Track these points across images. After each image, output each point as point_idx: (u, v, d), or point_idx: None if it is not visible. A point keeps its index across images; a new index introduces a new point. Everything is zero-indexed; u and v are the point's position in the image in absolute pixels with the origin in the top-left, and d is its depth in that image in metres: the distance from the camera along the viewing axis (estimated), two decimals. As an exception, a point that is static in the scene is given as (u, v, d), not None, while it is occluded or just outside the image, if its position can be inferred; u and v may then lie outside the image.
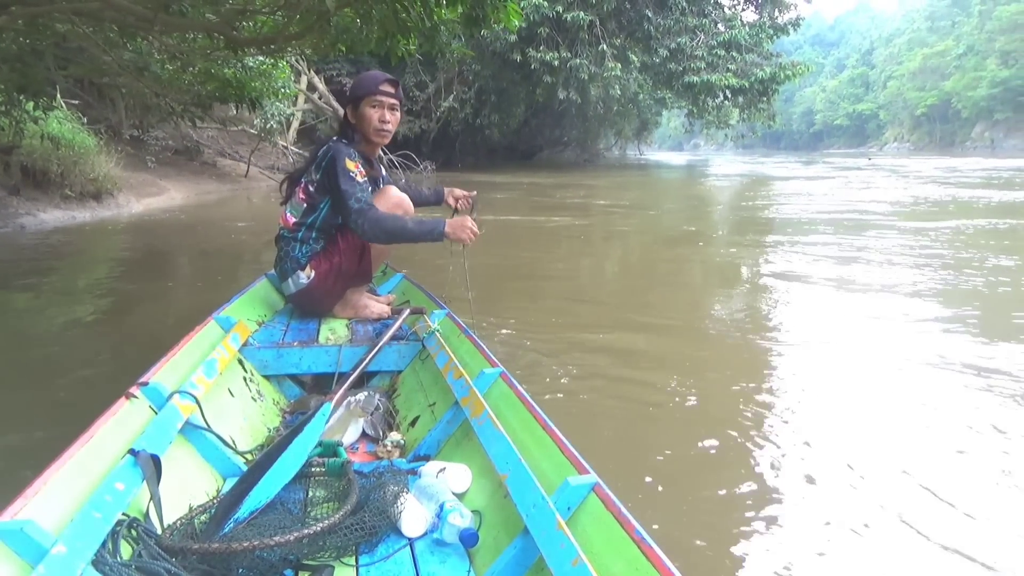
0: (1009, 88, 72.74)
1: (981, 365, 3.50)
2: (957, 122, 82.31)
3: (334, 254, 2.78)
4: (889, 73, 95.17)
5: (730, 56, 23.97)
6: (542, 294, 5.31)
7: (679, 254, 7.51)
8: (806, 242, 8.02)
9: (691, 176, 28.39)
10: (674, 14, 23.27)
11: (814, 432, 2.76)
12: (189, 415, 1.79)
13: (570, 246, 7.98)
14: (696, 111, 28.51)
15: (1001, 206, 12.20)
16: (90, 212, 9.48)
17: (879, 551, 1.96)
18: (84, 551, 1.17)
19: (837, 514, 2.15)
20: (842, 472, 2.44)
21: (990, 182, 18.80)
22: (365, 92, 2.77)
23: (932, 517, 2.11)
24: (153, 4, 3.48)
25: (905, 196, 14.14)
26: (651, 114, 40.35)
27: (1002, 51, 75.11)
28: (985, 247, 7.36)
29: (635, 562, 1.11)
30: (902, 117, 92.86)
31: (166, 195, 12.28)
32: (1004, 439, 2.69)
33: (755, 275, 6.08)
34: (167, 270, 6.63)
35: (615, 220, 11.02)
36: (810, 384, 3.36)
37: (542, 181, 19.05)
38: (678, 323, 4.53)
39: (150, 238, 8.52)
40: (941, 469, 2.43)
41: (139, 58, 6.18)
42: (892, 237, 8.24)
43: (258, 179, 16.94)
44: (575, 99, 23.91)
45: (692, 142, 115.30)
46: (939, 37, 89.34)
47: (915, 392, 3.20)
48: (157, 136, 14.86)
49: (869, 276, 5.85)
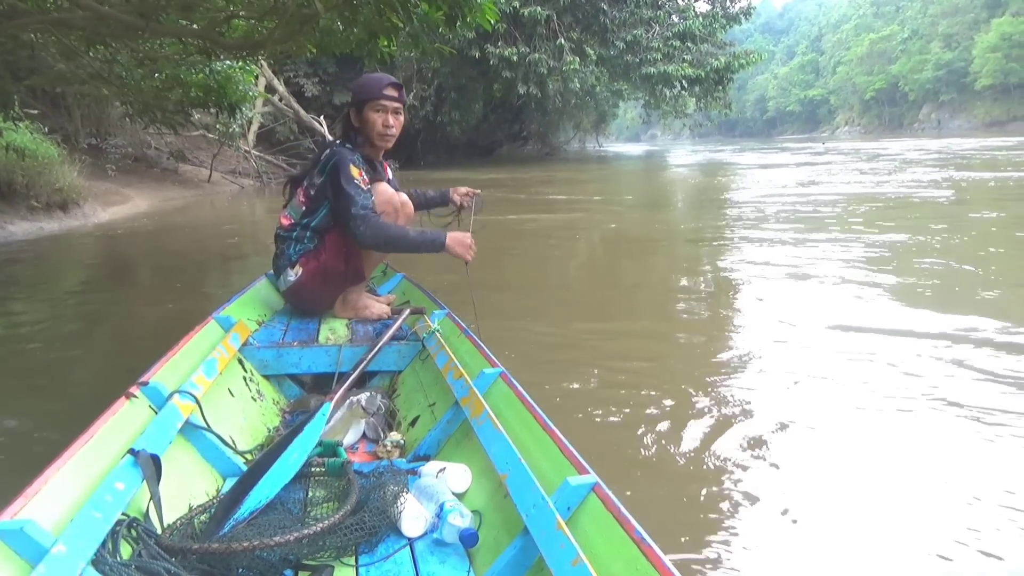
0: (953, 70, 74.87)
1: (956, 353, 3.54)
2: (905, 105, 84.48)
3: (321, 252, 2.79)
4: (838, 59, 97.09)
5: (685, 47, 24.42)
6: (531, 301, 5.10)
7: (665, 251, 7.38)
8: (802, 232, 7.72)
9: (656, 166, 28.09)
10: (629, 7, 23.56)
11: (814, 432, 2.74)
12: (189, 415, 1.79)
13: (547, 249, 7.63)
14: (653, 102, 28.97)
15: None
16: (57, 222, 9.33)
17: (874, 550, 1.96)
18: (84, 551, 1.17)
19: (832, 510, 2.16)
20: (834, 463, 2.47)
21: (953, 161, 19.06)
22: (368, 96, 2.76)
23: (947, 529, 2.05)
24: (146, 9, 3.50)
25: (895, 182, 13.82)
26: (608, 106, 40.67)
27: (945, 34, 77.27)
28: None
29: (635, 562, 1.11)
30: (852, 101, 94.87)
31: (131, 203, 12.13)
32: (973, 418, 2.76)
33: (746, 271, 5.83)
34: (145, 277, 6.64)
35: (596, 217, 10.58)
36: (825, 383, 3.27)
37: (505, 177, 18.88)
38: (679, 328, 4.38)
39: (122, 246, 8.47)
40: (945, 476, 2.38)
41: (104, 66, 6.17)
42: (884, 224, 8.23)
43: (221, 184, 16.78)
44: (535, 93, 24.06)
45: (649, 132, 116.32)
46: (885, 22, 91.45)
47: (913, 392, 3.12)
48: (116, 144, 14.66)
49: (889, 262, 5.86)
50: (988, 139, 35.86)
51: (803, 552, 1.98)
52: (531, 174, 20.47)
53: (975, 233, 7.40)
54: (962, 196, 11.06)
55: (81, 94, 8.53)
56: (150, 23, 3.43)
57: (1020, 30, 65.36)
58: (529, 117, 33.30)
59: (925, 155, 22.95)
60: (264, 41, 3.89)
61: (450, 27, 3.60)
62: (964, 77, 73.17)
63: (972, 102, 73.26)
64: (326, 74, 22.67)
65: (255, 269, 5.99)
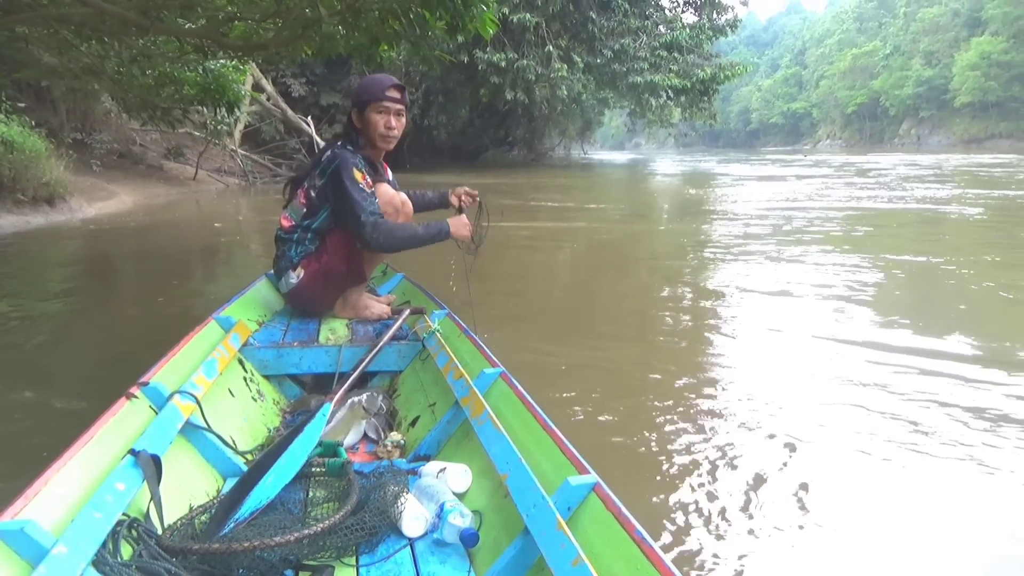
0: (933, 87, 75.84)
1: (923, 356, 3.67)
2: (885, 119, 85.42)
3: (323, 254, 2.78)
4: (821, 73, 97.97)
5: (672, 57, 24.64)
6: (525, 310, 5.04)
7: (661, 260, 7.33)
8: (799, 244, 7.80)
9: (646, 175, 27.96)
10: (617, 16, 23.76)
11: (814, 432, 2.78)
12: (189, 415, 1.79)
13: (538, 255, 7.62)
14: (639, 111, 29.11)
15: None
16: (44, 217, 9.30)
17: (875, 550, 2.00)
18: (84, 551, 1.17)
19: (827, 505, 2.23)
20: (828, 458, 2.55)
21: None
22: (371, 98, 2.78)
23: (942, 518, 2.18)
24: (147, 7, 3.52)
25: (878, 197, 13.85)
26: (594, 114, 40.83)
27: (926, 51, 78.30)
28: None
29: (635, 562, 1.11)
30: (834, 115, 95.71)
31: (116, 199, 12.07)
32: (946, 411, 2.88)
33: (750, 280, 5.81)
34: (135, 275, 6.62)
35: (593, 225, 10.45)
36: (825, 382, 3.34)
37: (492, 182, 18.82)
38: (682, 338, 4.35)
39: (110, 243, 8.43)
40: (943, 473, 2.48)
41: (97, 61, 6.17)
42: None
43: (206, 182, 16.73)
44: (522, 99, 24.13)
45: (634, 141, 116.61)
46: (867, 38, 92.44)
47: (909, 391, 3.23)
48: (102, 139, 14.58)
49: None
50: (981, 155, 36.05)
51: (803, 552, 2.01)
52: (517, 180, 20.43)
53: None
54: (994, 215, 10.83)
55: (72, 89, 8.47)
56: (154, 22, 3.45)
57: (999, 49, 66.39)
58: (515, 123, 33.37)
59: (921, 171, 23.02)
60: (267, 43, 3.93)
61: (451, 36, 3.66)
62: (944, 94, 74.09)
63: (951, 119, 74.19)
64: (314, 75, 22.60)
65: (242, 266, 6.04)
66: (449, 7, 3.34)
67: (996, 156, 33.32)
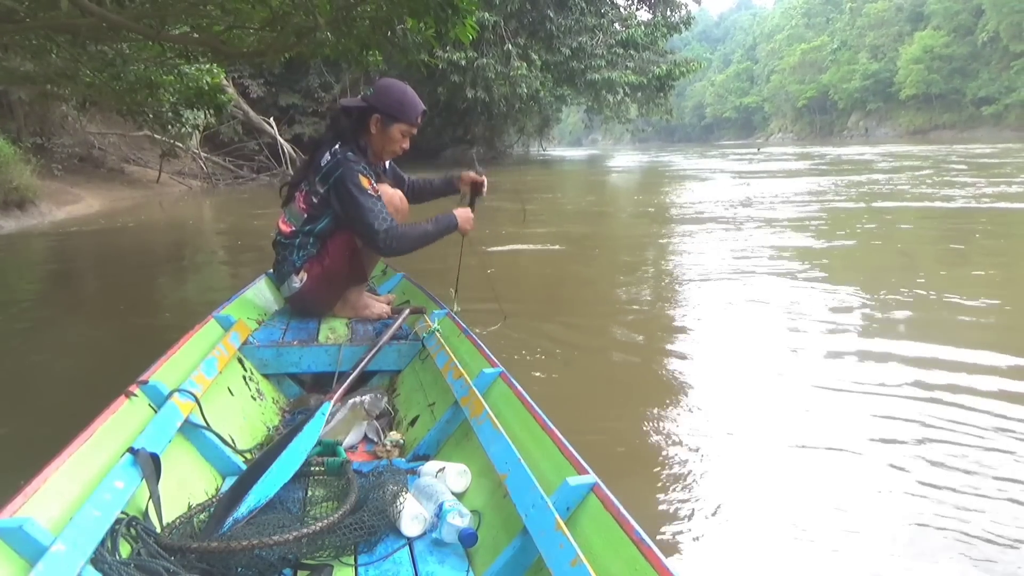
0: (879, 80, 77.82)
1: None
2: (835, 113, 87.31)
3: (325, 256, 2.74)
4: (772, 67, 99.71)
5: (628, 54, 25.10)
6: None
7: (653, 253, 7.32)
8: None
9: (604, 170, 27.78)
10: (574, 14, 24.06)
11: (814, 433, 2.73)
12: (189, 414, 1.78)
13: (527, 253, 7.16)
14: (597, 107, 29.57)
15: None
16: (15, 221, 9.20)
17: (874, 551, 1.98)
18: (83, 549, 1.17)
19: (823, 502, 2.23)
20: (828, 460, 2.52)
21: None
22: (403, 118, 2.74)
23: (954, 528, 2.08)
24: (156, 15, 3.64)
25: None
26: (552, 111, 41.07)
27: (872, 46, 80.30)
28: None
29: (634, 562, 1.11)
30: (785, 109, 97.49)
31: (83, 203, 11.97)
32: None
33: (745, 272, 5.79)
34: (117, 275, 6.70)
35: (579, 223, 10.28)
36: (825, 383, 3.26)
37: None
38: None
39: (86, 245, 8.40)
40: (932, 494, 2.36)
41: (70, 64, 6.28)
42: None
43: (169, 184, 16.68)
44: (482, 97, 24.33)
45: (591, 137, 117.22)
46: (815, 33, 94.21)
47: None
48: (62, 143, 14.44)
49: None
50: (954, 145, 34.67)
51: (803, 552, 2.00)
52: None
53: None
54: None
55: (44, 94, 8.48)
56: (160, 31, 3.59)
57: (941, 43, 68.47)
58: (475, 121, 33.44)
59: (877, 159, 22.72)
60: (263, 50, 4.09)
61: (437, 42, 3.86)
62: (890, 87, 75.95)
63: (897, 111, 76.12)
64: (272, 75, 22.35)
65: (222, 263, 6.13)
66: (436, 16, 3.55)
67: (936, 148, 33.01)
